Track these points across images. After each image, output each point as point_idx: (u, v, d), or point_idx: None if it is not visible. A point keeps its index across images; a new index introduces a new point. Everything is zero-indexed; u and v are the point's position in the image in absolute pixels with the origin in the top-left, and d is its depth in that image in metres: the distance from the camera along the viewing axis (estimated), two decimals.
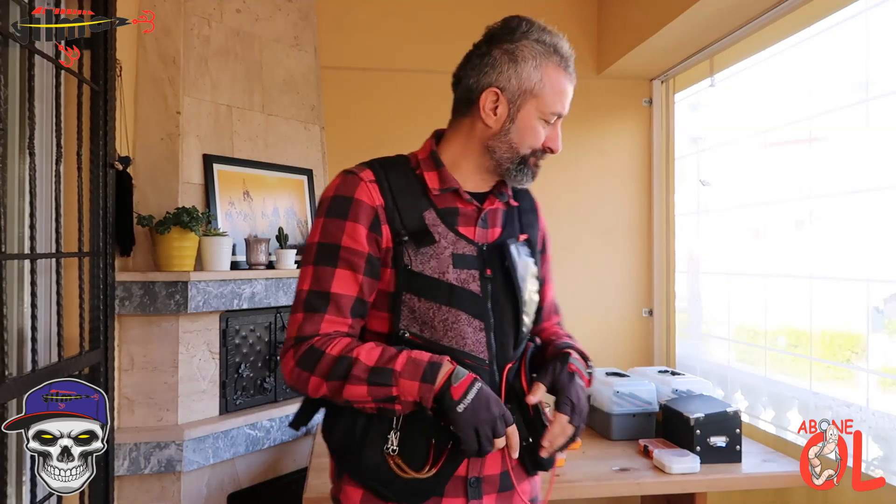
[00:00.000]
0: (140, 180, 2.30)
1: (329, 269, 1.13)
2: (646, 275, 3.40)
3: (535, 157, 1.24)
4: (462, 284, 1.16)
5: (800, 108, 2.52)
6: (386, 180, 1.18)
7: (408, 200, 1.18)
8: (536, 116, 1.22)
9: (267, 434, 2.49)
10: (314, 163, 2.93)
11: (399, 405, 1.08)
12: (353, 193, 1.16)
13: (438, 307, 1.14)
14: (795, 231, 2.60)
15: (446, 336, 1.14)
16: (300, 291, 1.15)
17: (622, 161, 3.41)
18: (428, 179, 1.21)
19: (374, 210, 1.15)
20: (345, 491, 1.20)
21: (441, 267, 1.15)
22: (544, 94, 1.21)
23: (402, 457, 1.11)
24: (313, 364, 1.10)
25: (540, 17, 1.36)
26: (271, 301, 2.48)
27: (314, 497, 1.88)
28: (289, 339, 1.14)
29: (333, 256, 1.14)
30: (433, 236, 1.16)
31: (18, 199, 1.75)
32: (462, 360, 1.14)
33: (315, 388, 1.11)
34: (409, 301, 1.14)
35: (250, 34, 2.71)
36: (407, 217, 1.16)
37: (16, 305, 1.74)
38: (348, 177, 1.18)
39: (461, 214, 1.21)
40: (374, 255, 1.15)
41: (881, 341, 2.21)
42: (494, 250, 1.21)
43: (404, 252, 1.15)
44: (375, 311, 1.18)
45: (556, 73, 1.23)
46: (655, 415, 2.37)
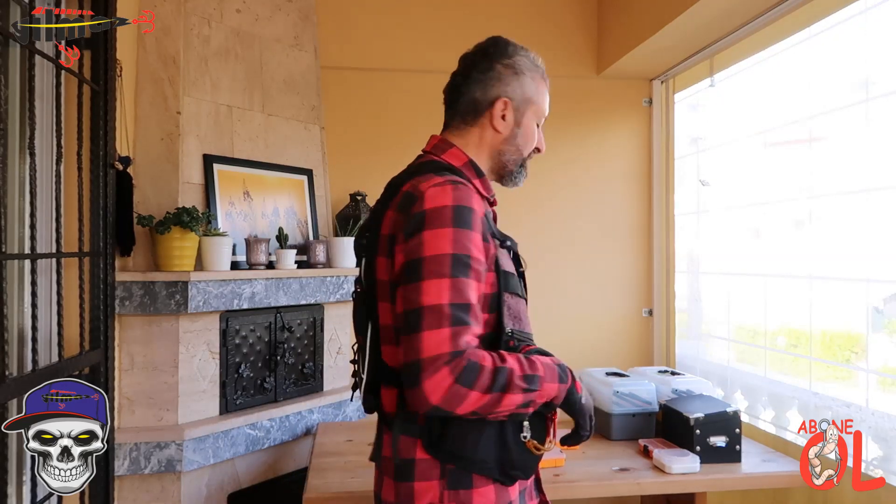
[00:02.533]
0: (140, 180, 2.30)
1: (466, 281, 1.14)
2: (646, 275, 3.41)
3: (529, 157, 1.40)
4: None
5: (800, 108, 2.53)
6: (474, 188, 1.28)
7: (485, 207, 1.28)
8: (534, 121, 1.38)
9: (267, 434, 2.49)
10: (314, 163, 2.93)
11: (532, 407, 1.19)
12: (471, 203, 1.19)
13: (518, 300, 1.27)
14: (795, 231, 2.60)
15: (525, 325, 1.28)
16: (439, 306, 1.11)
17: (622, 161, 3.41)
18: (480, 187, 1.33)
19: (483, 220, 1.22)
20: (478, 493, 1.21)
21: (510, 265, 1.27)
22: (539, 101, 1.37)
23: (535, 438, 1.24)
24: (474, 379, 1.09)
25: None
26: (271, 301, 2.48)
27: (314, 497, 1.88)
28: (439, 357, 1.08)
29: (467, 267, 1.15)
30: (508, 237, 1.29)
31: (19, 199, 1.74)
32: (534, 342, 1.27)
33: (472, 404, 1.10)
34: (507, 300, 1.24)
35: (250, 34, 2.71)
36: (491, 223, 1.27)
37: (16, 305, 1.74)
38: (461, 186, 1.21)
39: (495, 217, 1.36)
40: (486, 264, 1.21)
41: (881, 341, 2.21)
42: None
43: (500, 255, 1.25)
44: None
45: (543, 83, 1.39)
46: (655, 415, 2.37)
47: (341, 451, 2.23)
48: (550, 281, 3.26)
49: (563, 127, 3.33)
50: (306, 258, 2.72)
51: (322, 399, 2.70)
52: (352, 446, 2.30)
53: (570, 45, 3.37)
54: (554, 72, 3.56)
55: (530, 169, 1.43)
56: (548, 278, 3.24)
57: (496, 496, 1.23)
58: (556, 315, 3.27)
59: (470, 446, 1.19)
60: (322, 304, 2.78)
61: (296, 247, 2.72)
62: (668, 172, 3.39)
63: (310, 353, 2.75)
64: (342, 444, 2.31)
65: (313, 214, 2.87)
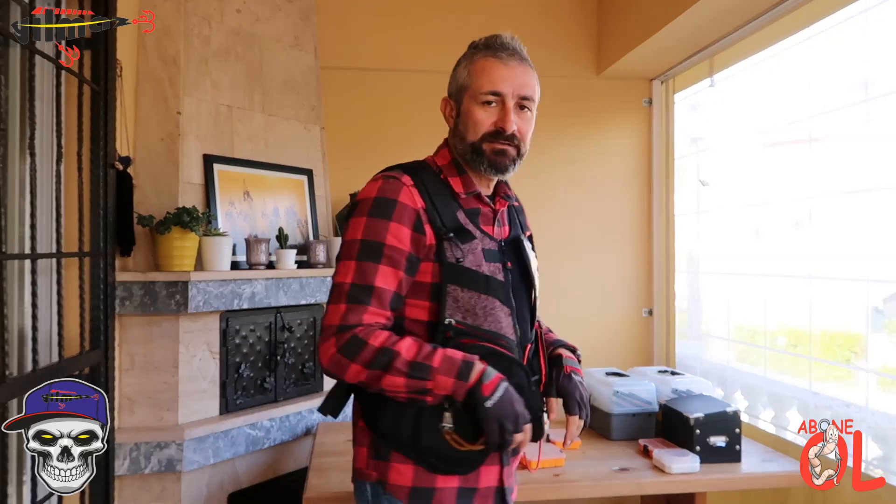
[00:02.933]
0: (140, 180, 2.30)
1: (373, 265, 1.25)
2: (646, 275, 3.41)
3: (488, 142, 1.32)
4: (493, 275, 1.30)
5: (799, 108, 2.53)
6: (423, 184, 1.31)
7: (444, 203, 1.31)
8: (474, 103, 1.33)
9: (267, 434, 2.49)
10: (314, 163, 2.93)
11: (431, 397, 1.21)
12: (397, 196, 1.28)
13: (479, 296, 1.28)
14: (795, 231, 2.60)
15: (486, 321, 1.28)
16: (342, 284, 1.25)
17: (622, 161, 3.41)
18: (453, 184, 1.35)
19: (416, 212, 1.28)
20: (395, 469, 1.30)
21: (477, 260, 1.30)
22: (473, 82, 1.33)
23: (458, 433, 1.23)
24: (355, 353, 1.20)
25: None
26: (271, 301, 2.48)
27: (314, 497, 1.88)
28: (330, 327, 1.23)
29: (377, 253, 1.25)
30: (471, 233, 1.31)
31: (19, 199, 1.75)
32: (499, 342, 1.28)
33: (354, 375, 1.22)
34: (453, 292, 1.27)
35: (250, 34, 2.71)
36: (445, 217, 1.30)
37: (16, 305, 1.74)
38: (389, 181, 1.30)
39: (482, 215, 1.36)
40: (413, 255, 1.27)
41: (881, 341, 2.21)
42: (511, 245, 1.38)
43: (447, 248, 1.27)
44: (415, 301, 1.30)
45: (483, 62, 1.33)
46: (655, 415, 2.37)
47: (341, 451, 2.23)
48: (550, 281, 3.24)
49: (563, 127, 3.33)
50: (306, 258, 2.72)
51: (322, 399, 2.69)
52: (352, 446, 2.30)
53: (570, 45, 3.37)
54: (554, 72, 3.57)
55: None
56: (548, 278, 3.21)
57: (413, 477, 1.29)
58: (556, 315, 3.26)
59: (381, 420, 1.27)
60: (322, 304, 2.78)
61: (296, 247, 2.72)
62: (668, 172, 3.39)
63: (310, 353, 2.75)
64: (342, 444, 2.31)
65: (313, 214, 2.87)
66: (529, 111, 1.35)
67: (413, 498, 1.30)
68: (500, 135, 1.31)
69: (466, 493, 1.30)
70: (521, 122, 1.33)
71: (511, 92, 1.31)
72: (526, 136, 1.36)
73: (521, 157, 1.36)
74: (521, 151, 1.35)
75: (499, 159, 1.33)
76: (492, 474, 1.33)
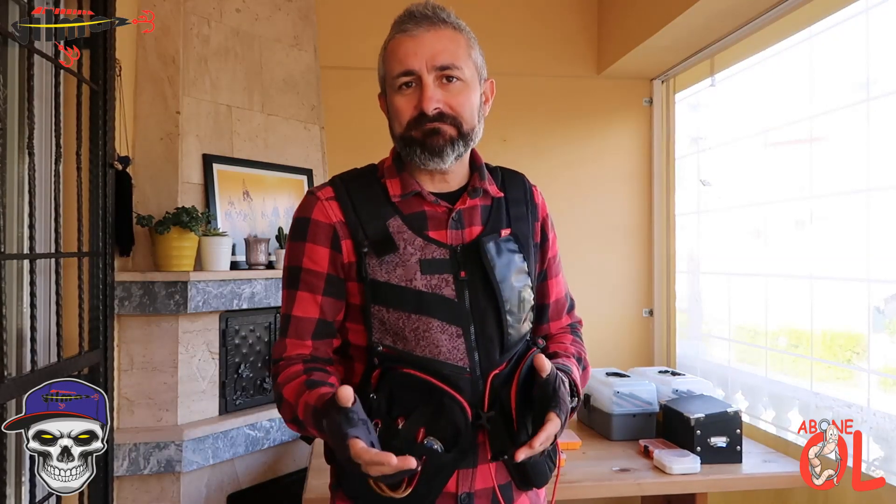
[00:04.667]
0: (140, 180, 2.30)
1: (292, 293, 1.15)
2: (646, 275, 3.40)
3: (415, 129, 1.13)
4: (433, 290, 1.11)
5: (800, 108, 2.52)
6: (347, 195, 1.16)
7: (371, 211, 1.14)
8: (392, 92, 1.15)
9: (267, 434, 2.49)
10: (314, 163, 2.93)
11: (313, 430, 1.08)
12: (310, 214, 1.15)
13: (408, 316, 1.10)
14: (796, 231, 2.60)
15: (419, 346, 1.10)
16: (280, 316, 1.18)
17: (622, 161, 3.41)
18: (389, 187, 1.17)
19: (331, 227, 1.14)
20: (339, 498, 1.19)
21: (408, 274, 1.11)
22: (386, 69, 1.16)
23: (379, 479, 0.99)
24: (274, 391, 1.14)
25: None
26: (271, 301, 2.47)
27: (314, 497, 1.88)
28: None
29: (296, 279, 1.15)
30: (395, 244, 1.12)
31: (18, 199, 1.74)
32: (439, 371, 1.09)
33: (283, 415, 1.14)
34: (377, 313, 1.11)
35: (250, 34, 2.71)
36: (370, 228, 1.13)
37: (15, 305, 1.74)
38: (307, 198, 1.18)
39: (430, 218, 1.16)
40: (333, 275, 1.14)
41: (882, 341, 2.20)
42: (469, 251, 1.14)
43: (367, 264, 1.12)
44: (353, 325, 1.17)
45: (392, 44, 1.15)
46: (656, 415, 2.36)
47: None
48: None
49: (563, 127, 3.32)
50: None
51: None
52: None
53: (570, 45, 3.36)
54: (554, 72, 3.56)
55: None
56: None
57: None
58: None
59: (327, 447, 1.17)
60: None
61: None
62: (669, 172, 3.39)
63: None
64: None
65: None
66: (459, 80, 1.13)
67: None
68: (424, 118, 1.11)
69: None
70: (447, 94, 1.12)
71: (424, 65, 1.10)
72: (461, 109, 1.13)
73: (464, 137, 1.13)
74: (464, 130, 1.13)
75: (430, 141, 1.11)
76: None
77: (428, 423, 1.05)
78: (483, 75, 1.20)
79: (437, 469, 1.04)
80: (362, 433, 0.93)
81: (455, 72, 1.12)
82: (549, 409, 1.05)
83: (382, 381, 1.09)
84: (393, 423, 1.05)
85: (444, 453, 1.04)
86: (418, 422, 1.05)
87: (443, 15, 1.14)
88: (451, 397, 1.07)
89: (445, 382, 1.08)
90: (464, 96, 1.13)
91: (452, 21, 1.15)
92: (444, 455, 1.04)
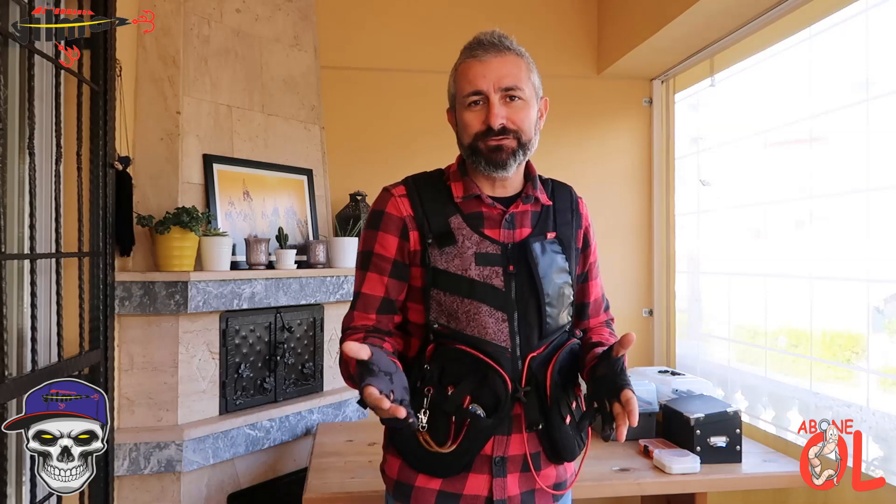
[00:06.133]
0: (140, 180, 2.30)
1: (363, 273, 1.35)
2: (646, 275, 3.40)
3: (481, 141, 1.31)
4: (485, 280, 1.28)
5: (800, 108, 2.52)
6: (417, 193, 1.35)
7: (436, 208, 1.34)
8: (462, 109, 1.33)
9: (267, 434, 2.49)
10: (314, 163, 2.93)
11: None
12: (384, 207, 1.35)
13: (461, 300, 1.28)
14: (796, 231, 2.60)
15: (469, 326, 1.28)
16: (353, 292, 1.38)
17: (622, 161, 3.41)
18: (454, 189, 1.36)
19: (402, 220, 1.33)
20: (387, 460, 1.38)
21: (464, 264, 1.29)
22: (457, 89, 1.35)
23: (429, 433, 1.25)
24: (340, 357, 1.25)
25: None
26: (271, 301, 2.48)
27: (314, 497, 1.88)
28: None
29: (367, 262, 1.35)
30: (454, 237, 1.31)
31: (18, 199, 1.74)
32: (484, 348, 1.27)
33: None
34: (436, 295, 1.30)
35: (250, 34, 2.71)
36: (434, 223, 1.32)
37: (16, 305, 1.74)
38: (383, 194, 1.38)
39: (486, 218, 1.34)
40: (399, 260, 1.33)
41: (881, 341, 2.21)
42: (518, 248, 1.32)
43: (430, 253, 1.30)
44: (414, 305, 1.35)
45: (463, 67, 1.34)
46: (655, 415, 2.36)
47: (341, 451, 2.23)
48: None
49: (563, 127, 3.33)
50: (306, 258, 2.72)
51: (322, 399, 2.70)
52: (352, 446, 2.30)
53: (570, 45, 3.37)
54: (554, 72, 3.57)
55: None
56: None
57: (398, 471, 1.35)
58: None
59: None
60: (322, 304, 2.78)
61: (296, 247, 2.71)
62: (669, 172, 3.39)
63: (310, 353, 2.74)
64: (342, 445, 2.31)
65: (313, 214, 2.87)
66: (520, 99, 1.30)
67: (396, 491, 1.35)
68: (490, 132, 1.29)
69: (448, 497, 1.29)
70: (510, 111, 1.30)
71: (492, 86, 1.29)
72: (522, 123, 1.31)
73: (523, 147, 1.32)
74: (523, 141, 1.31)
75: (493, 155, 1.30)
76: (480, 483, 1.29)
77: (473, 391, 1.25)
78: (539, 94, 1.37)
79: (478, 431, 1.24)
80: (380, 382, 1.07)
81: (517, 92, 1.30)
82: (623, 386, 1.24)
83: (436, 354, 1.29)
84: (444, 390, 1.26)
85: (485, 418, 1.24)
86: (465, 390, 1.25)
87: (507, 43, 1.33)
88: (495, 371, 1.26)
89: (490, 358, 1.26)
90: (524, 112, 1.32)
91: (515, 48, 1.34)
92: (485, 420, 1.24)
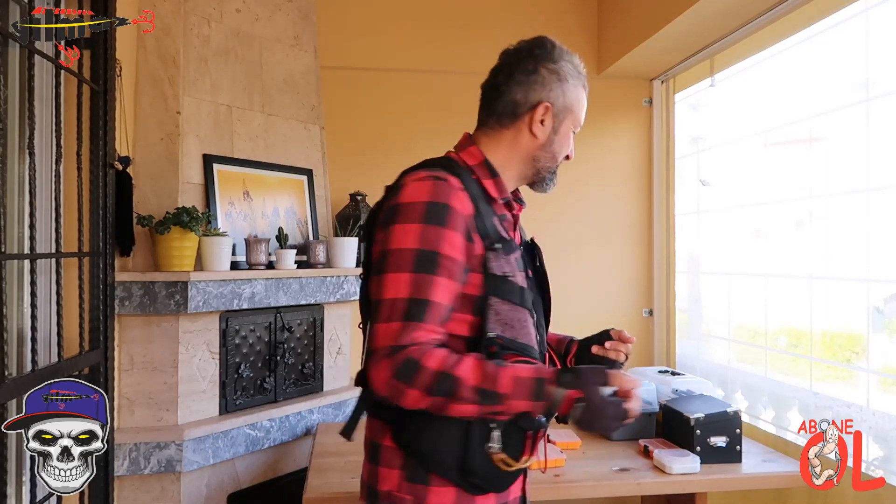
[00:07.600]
0: (140, 180, 2.30)
1: (429, 277, 1.13)
2: (646, 275, 3.40)
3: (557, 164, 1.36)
4: (524, 284, 1.25)
5: (800, 108, 2.52)
6: (468, 188, 1.21)
7: (485, 208, 1.23)
8: (567, 133, 1.35)
9: (267, 434, 2.49)
10: (314, 163, 2.93)
11: (505, 416, 1.14)
12: (449, 201, 1.17)
13: (516, 308, 1.20)
14: (795, 231, 2.60)
15: (521, 334, 1.21)
16: (395, 300, 1.12)
17: (622, 161, 3.41)
18: (488, 187, 1.27)
19: (466, 218, 1.18)
20: (434, 492, 1.20)
21: (513, 269, 1.22)
22: (577, 111, 1.34)
23: (506, 452, 1.16)
24: (412, 376, 1.08)
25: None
26: (271, 301, 2.48)
27: (314, 497, 1.88)
28: (382, 349, 1.11)
29: (432, 263, 1.13)
30: (513, 243, 1.25)
31: (18, 199, 1.74)
32: (533, 355, 1.22)
33: (414, 401, 1.10)
34: (495, 304, 1.18)
35: (250, 34, 2.71)
36: (487, 224, 1.21)
37: (16, 305, 1.74)
38: (440, 183, 1.18)
39: (507, 220, 1.30)
40: (465, 264, 1.18)
41: (881, 341, 2.21)
42: (527, 252, 1.32)
43: (492, 258, 1.19)
44: (459, 315, 1.19)
45: (583, 93, 1.35)
46: (655, 415, 2.36)
47: (341, 451, 2.23)
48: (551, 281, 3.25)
49: None
50: (306, 258, 2.72)
51: (322, 399, 2.70)
52: (352, 446, 2.28)
53: (570, 45, 3.29)
54: None
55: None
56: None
57: (455, 500, 1.20)
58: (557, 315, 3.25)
59: (426, 444, 1.17)
60: (322, 304, 2.78)
61: (296, 247, 2.71)
62: (669, 172, 3.39)
63: (310, 353, 2.74)
64: (342, 445, 2.31)
65: (313, 214, 2.87)
66: None
67: None
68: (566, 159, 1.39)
69: None
70: None
71: None
72: None
73: None
74: None
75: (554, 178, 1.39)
76: (518, 484, 1.28)
77: None
78: None
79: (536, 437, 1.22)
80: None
81: None
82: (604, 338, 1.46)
83: None
84: None
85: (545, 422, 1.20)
86: None
87: None
88: None
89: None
90: None
91: None
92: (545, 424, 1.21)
